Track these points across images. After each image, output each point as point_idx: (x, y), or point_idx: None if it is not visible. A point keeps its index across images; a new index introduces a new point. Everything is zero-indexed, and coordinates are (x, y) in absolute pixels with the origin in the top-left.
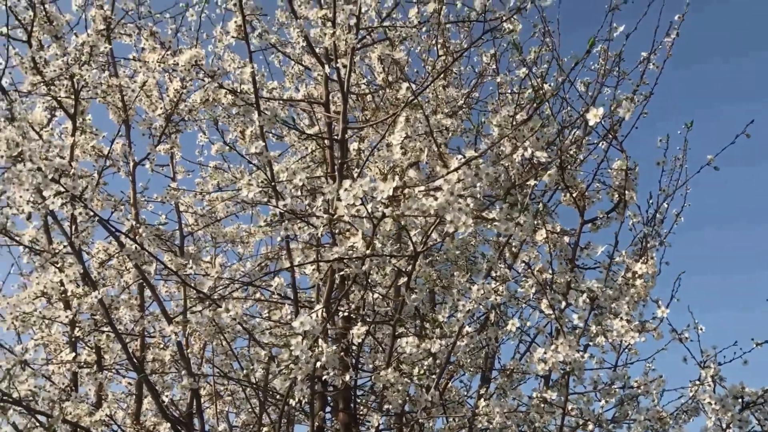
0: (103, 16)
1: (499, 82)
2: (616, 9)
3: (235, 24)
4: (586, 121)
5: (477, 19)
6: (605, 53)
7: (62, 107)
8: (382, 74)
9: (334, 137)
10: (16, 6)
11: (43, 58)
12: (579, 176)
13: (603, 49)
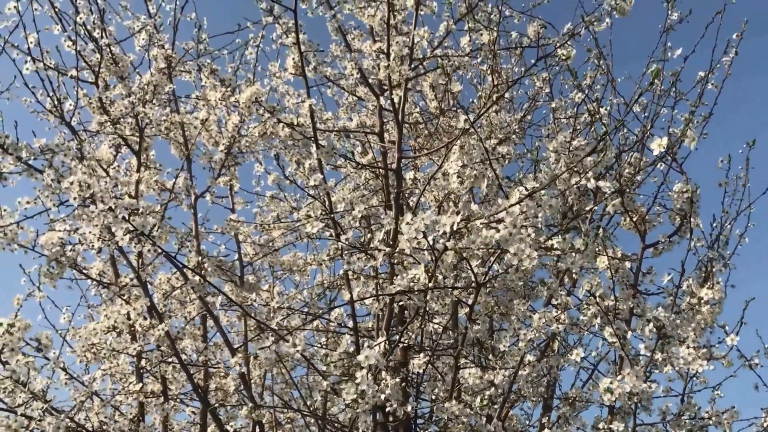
0: (164, 56)
1: (554, 107)
2: (671, 29)
3: (293, 61)
4: (644, 144)
5: (530, 45)
6: (661, 74)
7: (127, 144)
8: (434, 101)
9: (390, 167)
10: (84, 50)
11: (109, 98)
12: (639, 200)
13: (659, 70)
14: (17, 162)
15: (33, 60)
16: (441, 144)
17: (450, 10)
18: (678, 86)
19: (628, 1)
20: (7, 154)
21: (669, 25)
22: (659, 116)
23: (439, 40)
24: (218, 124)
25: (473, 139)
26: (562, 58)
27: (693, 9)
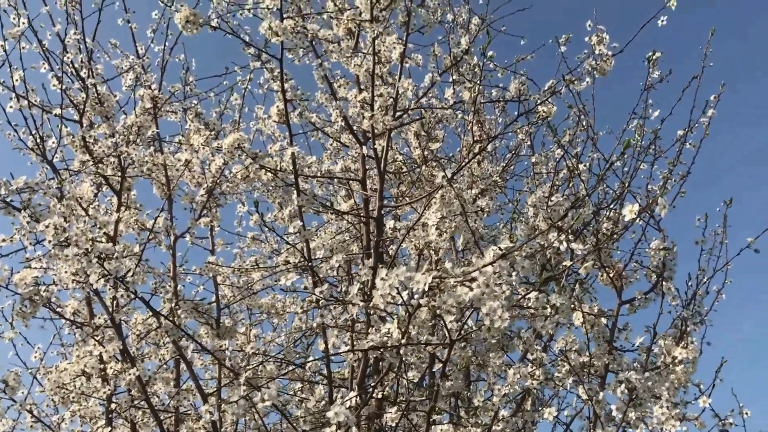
0: (150, 96)
1: (534, 161)
2: (651, 88)
3: (277, 109)
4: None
5: (512, 99)
6: (641, 129)
7: (108, 184)
8: (417, 149)
9: (371, 214)
10: (70, 88)
11: (93, 137)
12: (616, 255)
13: (639, 125)
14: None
15: (18, 97)
16: (422, 193)
17: (435, 62)
18: (657, 143)
19: (608, 63)
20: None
21: (650, 83)
22: (638, 172)
23: (423, 90)
24: (201, 166)
25: (454, 191)
26: (542, 115)
27: (673, 69)
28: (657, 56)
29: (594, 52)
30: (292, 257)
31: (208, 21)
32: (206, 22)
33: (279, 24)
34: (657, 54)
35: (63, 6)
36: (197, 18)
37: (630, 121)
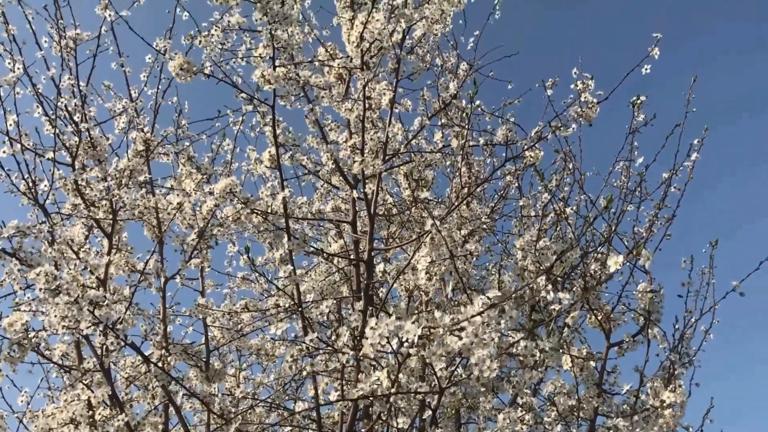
0: (143, 139)
1: (522, 204)
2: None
3: (269, 154)
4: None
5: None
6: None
7: (100, 227)
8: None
9: (361, 257)
10: (64, 132)
11: (85, 180)
12: (604, 297)
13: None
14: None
15: (11, 142)
16: (412, 234)
17: (424, 106)
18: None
19: (594, 110)
20: None
21: (635, 127)
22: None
23: (413, 133)
24: (192, 207)
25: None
26: (530, 160)
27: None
28: (641, 100)
29: (580, 98)
30: (283, 300)
31: (201, 69)
32: (200, 69)
33: (271, 72)
34: (641, 98)
35: (58, 52)
36: (191, 66)
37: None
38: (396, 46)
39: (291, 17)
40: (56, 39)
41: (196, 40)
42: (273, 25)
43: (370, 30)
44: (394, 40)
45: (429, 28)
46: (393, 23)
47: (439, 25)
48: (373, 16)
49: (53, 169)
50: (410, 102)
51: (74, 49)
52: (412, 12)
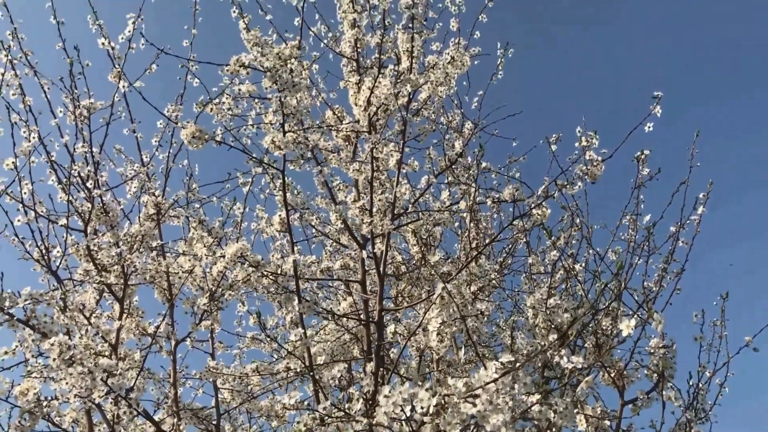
0: (154, 202)
1: (531, 262)
2: (642, 186)
3: (279, 218)
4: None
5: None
6: (634, 224)
7: (111, 291)
8: (416, 246)
9: (371, 318)
10: (76, 198)
11: (97, 245)
12: (616, 353)
13: (632, 220)
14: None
15: (25, 211)
16: (422, 292)
17: (431, 164)
18: (651, 240)
19: (598, 168)
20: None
21: (640, 181)
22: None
23: (420, 191)
24: (203, 270)
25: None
26: (537, 218)
27: (662, 155)
28: (645, 155)
29: (584, 155)
30: (293, 363)
31: (213, 136)
32: (211, 137)
33: (281, 138)
34: (645, 153)
35: (72, 121)
36: (203, 134)
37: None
38: (402, 109)
39: (299, 85)
40: (71, 108)
41: (207, 108)
42: (282, 92)
43: (377, 95)
44: (400, 103)
45: (434, 90)
46: (399, 87)
47: (444, 87)
48: (380, 81)
49: (66, 236)
50: (417, 162)
51: (88, 117)
52: (418, 77)
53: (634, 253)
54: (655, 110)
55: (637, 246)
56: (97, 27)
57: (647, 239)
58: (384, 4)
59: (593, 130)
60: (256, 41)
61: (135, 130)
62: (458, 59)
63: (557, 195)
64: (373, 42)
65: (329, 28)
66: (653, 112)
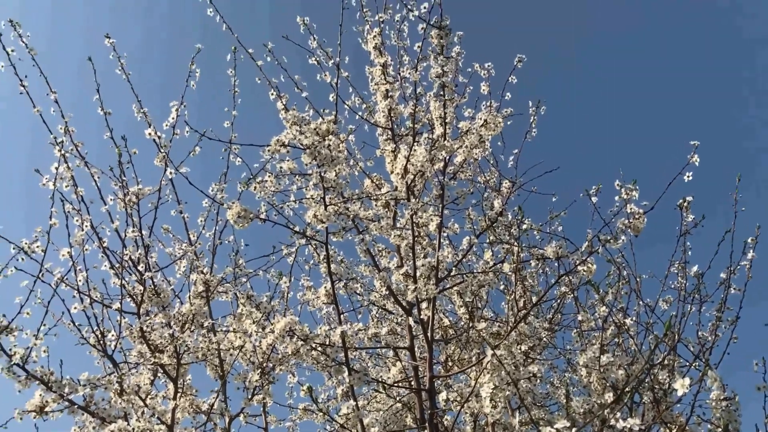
0: (203, 280)
1: (581, 319)
2: (687, 233)
3: (325, 290)
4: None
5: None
6: (683, 271)
7: (165, 371)
8: (462, 308)
9: (422, 386)
10: (129, 282)
11: (150, 326)
12: (676, 408)
13: (680, 267)
14: (60, 399)
15: (81, 298)
16: (471, 356)
17: (471, 224)
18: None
19: (641, 221)
20: (50, 391)
21: (686, 229)
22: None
23: (462, 253)
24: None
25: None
26: (584, 274)
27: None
28: (688, 202)
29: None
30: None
31: (257, 214)
32: (256, 215)
33: (323, 212)
34: (688, 200)
35: (122, 207)
36: (248, 213)
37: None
38: (439, 174)
39: (338, 159)
40: (120, 195)
41: (250, 186)
42: (322, 167)
43: (413, 163)
44: (437, 168)
45: (469, 153)
46: (434, 154)
47: (479, 149)
48: (415, 149)
49: (120, 319)
50: (457, 224)
51: (137, 203)
52: (452, 143)
53: (685, 302)
54: (693, 159)
55: (688, 294)
56: (142, 115)
57: (698, 287)
58: (415, 76)
59: (633, 180)
60: (295, 120)
61: (182, 211)
62: (491, 122)
63: (601, 250)
64: (407, 112)
65: (363, 100)
66: (691, 161)
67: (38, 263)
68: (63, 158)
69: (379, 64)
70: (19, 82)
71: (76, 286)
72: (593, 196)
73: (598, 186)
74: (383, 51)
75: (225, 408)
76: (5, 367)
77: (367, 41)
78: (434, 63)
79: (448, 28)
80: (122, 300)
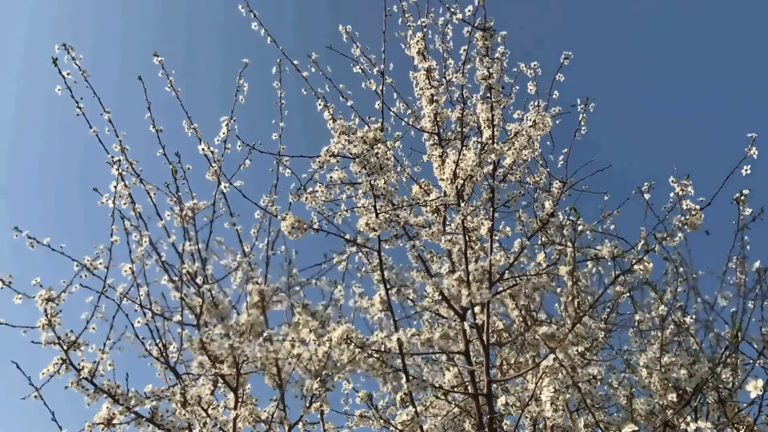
0: (258, 291)
1: (639, 319)
2: (745, 227)
3: (380, 297)
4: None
5: (605, 258)
6: (742, 266)
7: (225, 381)
8: (515, 310)
9: (480, 391)
10: (187, 295)
11: (209, 337)
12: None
13: (739, 262)
14: (126, 412)
15: (143, 312)
16: (528, 358)
17: (522, 226)
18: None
19: (698, 217)
20: (117, 403)
21: (743, 223)
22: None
23: (514, 256)
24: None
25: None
26: (640, 273)
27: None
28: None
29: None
30: None
31: (311, 225)
32: (309, 226)
33: (375, 220)
34: (744, 193)
35: (179, 222)
36: (301, 224)
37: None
38: (488, 177)
39: (387, 166)
40: (176, 211)
41: (301, 197)
42: (371, 176)
43: (462, 167)
44: (486, 171)
45: (518, 155)
46: (483, 157)
47: (528, 150)
48: (464, 154)
49: (180, 331)
50: (508, 227)
51: (193, 217)
52: (501, 146)
53: (746, 298)
54: (751, 152)
55: (749, 290)
56: (193, 131)
57: (759, 282)
58: (461, 79)
59: (686, 176)
60: (343, 130)
61: (235, 223)
62: (539, 122)
63: (657, 248)
64: (454, 117)
65: (408, 105)
66: (749, 154)
67: (101, 279)
68: (120, 177)
69: (423, 68)
70: (75, 104)
71: (138, 300)
72: (646, 193)
73: (650, 183)
74: (427, 55)
75: (284, 416)
76: (75, 381)
77: (410, 46)
78: (479, 65)
79: (492, 29)
80: (182, 312)
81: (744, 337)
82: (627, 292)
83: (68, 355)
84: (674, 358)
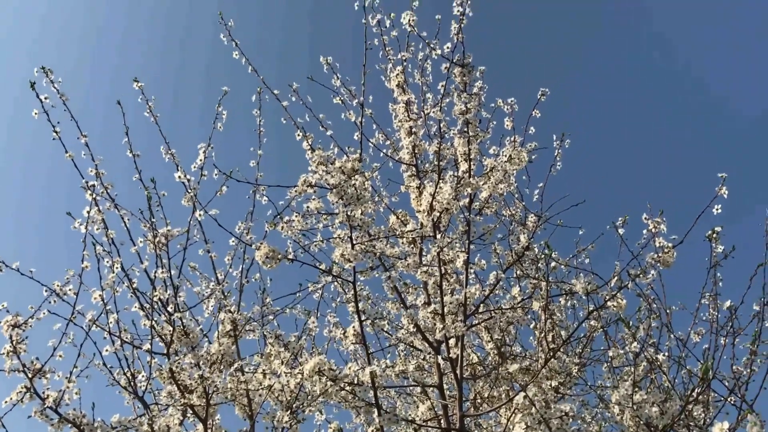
0: (230, 319)
1: (612, 355)
2: (717, 265)
3: (353, 329)
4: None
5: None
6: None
7: (194, 412)
8: (490, 342)
9: (452, 426)
10: (158, 323)
11: (179, 366)
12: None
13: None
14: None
15: (112, 340)
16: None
17: (498, 259)
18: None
19: (670, 254)
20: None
21: (716, 260)
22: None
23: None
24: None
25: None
26: (614, 309)
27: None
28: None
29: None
30: None
31: (285, 255)
32: (284, 256)
33: (351, 251)
34: (717, 230)
35: (152, 249)
36: (276, 254)
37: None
38: (464, 210)
39: (364, 197)
40: (149, 237)
41: (277, 226)
42: (348, 206)
43: (439, 200)
44: (462, 204)
45: (494, 189)
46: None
47: (504, 184)
48: (440, 187)
49: (150, 359)
50: (483, 259)
51: (166, 244)
52: (477, 180)
53: (718, 335)
54: (721, 191)
55: (721, 327)
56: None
57: (730, 320)
58: (439, 114)
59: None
60: (321, 160)
61: (209, 251)
62: (516, 157)
63: (631, 285)
64: (431, 149)
65: (387, 137)
66: (720, 194)
67: (71, 306)
68: (94, 201)
69: (402, 101)
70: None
71: (108, 327)
72: (620, 228)
73: (624, 218)
74: (406, 89)
75: None
76: (39, 410)
77: (390, 79)
78: (458, 100)
79: (471, 65)
80: (152, 341)
81: (715, 375)
82: (601, 328)
83: (33, 383)
84: (646, 396)
